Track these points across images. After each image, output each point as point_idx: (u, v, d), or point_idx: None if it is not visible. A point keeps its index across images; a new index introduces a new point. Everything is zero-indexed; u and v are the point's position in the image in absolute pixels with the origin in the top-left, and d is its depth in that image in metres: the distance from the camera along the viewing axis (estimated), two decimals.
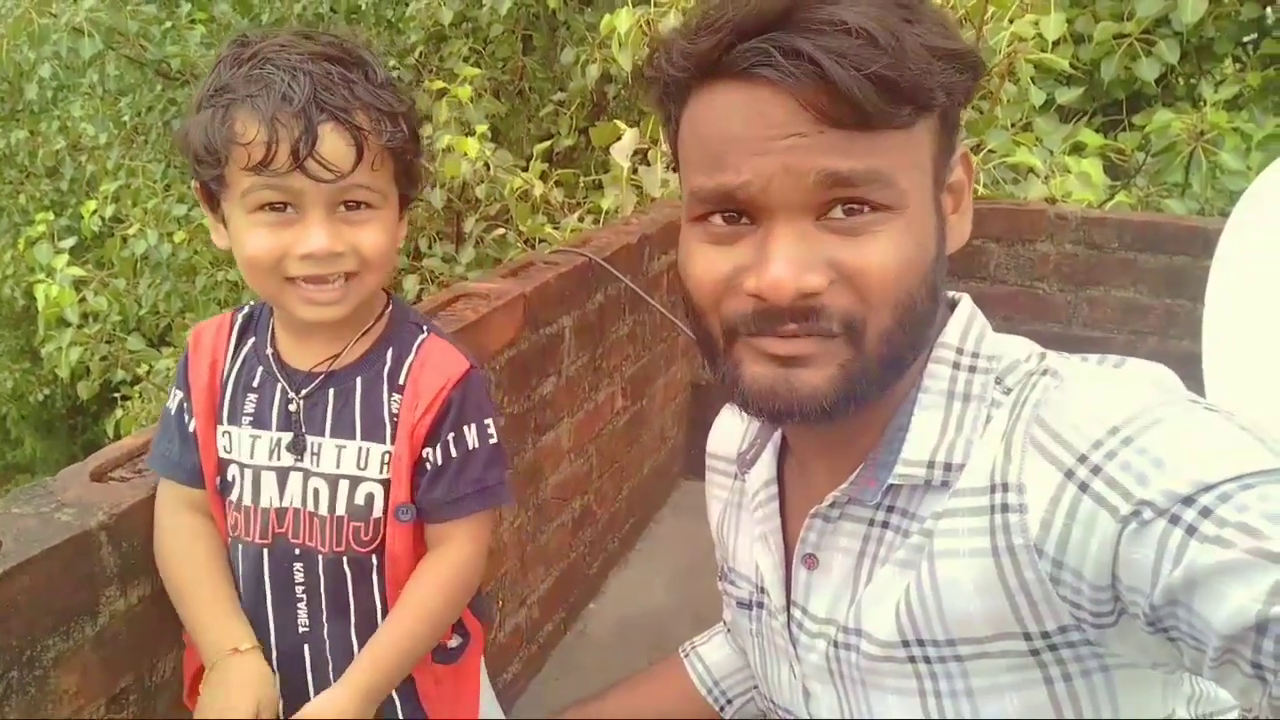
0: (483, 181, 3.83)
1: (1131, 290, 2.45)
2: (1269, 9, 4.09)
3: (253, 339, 0.99)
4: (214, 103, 0.84)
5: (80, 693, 0.92)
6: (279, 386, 0.96)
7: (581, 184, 4.09)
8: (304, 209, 0.85)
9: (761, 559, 0.82)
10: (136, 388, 5.26)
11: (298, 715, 0.88)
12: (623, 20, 2.93)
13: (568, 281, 1.85)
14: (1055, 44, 2.90)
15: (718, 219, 0.66)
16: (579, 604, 2.15)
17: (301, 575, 0.96)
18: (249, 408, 0.96)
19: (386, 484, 0.95)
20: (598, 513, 2.18)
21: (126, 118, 6.54)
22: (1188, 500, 0.53)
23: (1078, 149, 3.32)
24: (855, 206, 0.62)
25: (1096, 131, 3.53)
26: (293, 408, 0.95)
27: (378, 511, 0.95)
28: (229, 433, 0.97)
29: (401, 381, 0.95)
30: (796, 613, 0.79)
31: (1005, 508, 0.62)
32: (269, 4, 6.35)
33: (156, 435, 1.01)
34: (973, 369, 0.69)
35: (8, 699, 0.85)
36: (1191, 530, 0.53)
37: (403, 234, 0.96)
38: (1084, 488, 0.58)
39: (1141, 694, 0.66)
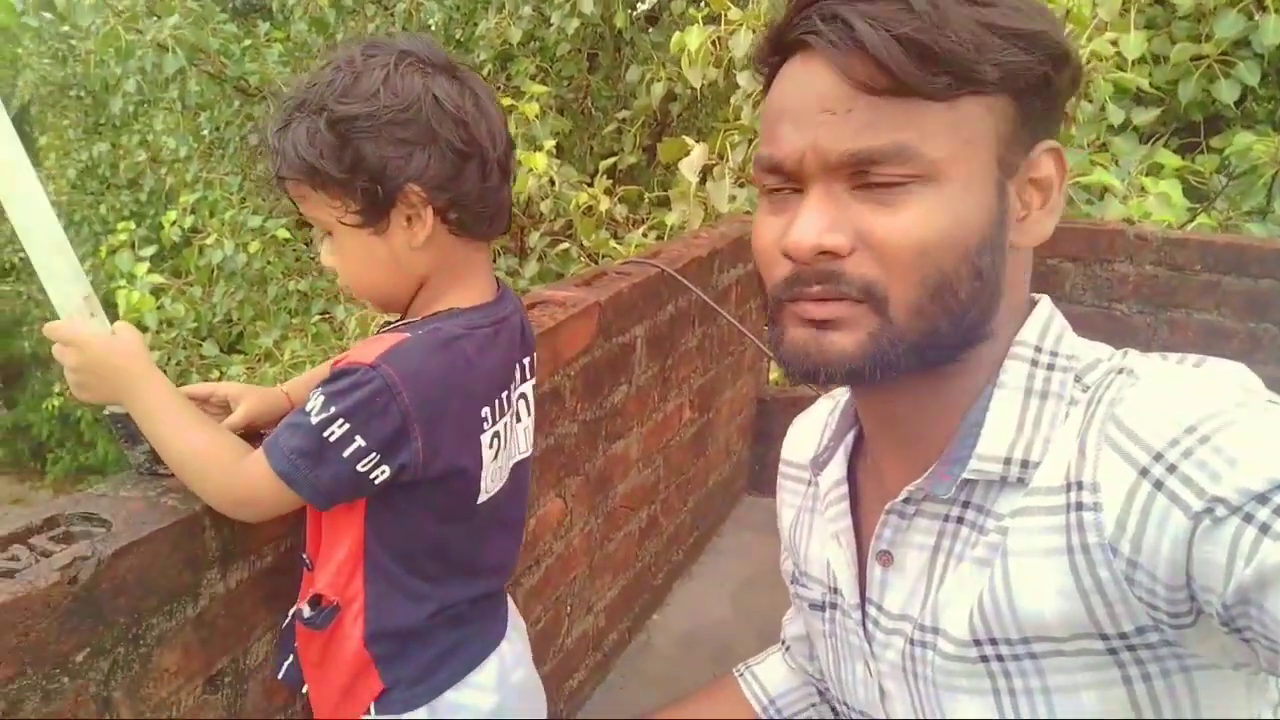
0: (547, 197, 3.89)
1: (1214, 313, 2.39)
2: None
3: None
4: None
5: (180, 672, 0.95)
6: None
7: (646, 200, 4.13)
8: None
9: (834, 557, 0.82)
10: None
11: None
12: (693, 38, 2.96)
13: (640, 292, 1.86)
14: (1133, 64, 2.86)
15: (774, 189, 0.69)
16: (644, 614, 2.15)
17: None
18: None
19: None
20: (664, 524, 2.18)
21: (206, 132, 6.77)
22: (1262, 498, 0.53)
23: (1155, 170, 3.26)
24: (883, 179, 0.63)
25: (1174, 153, 3.46)
26: None
27: None
28: None
29: None
30: (872, 610, 0.79)
31: (1080, 506, 0.62)
32: (343, 24, 6.54)
33: None
34: (1051, 366, 0.69)
35: (114, 674, 0.88)
36: (1265, 528, 0.52)
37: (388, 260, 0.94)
38: (1159, 486, 0.57)
39: (1224, 696, 0.64)
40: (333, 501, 0.92)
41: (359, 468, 0.88)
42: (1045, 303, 0.73)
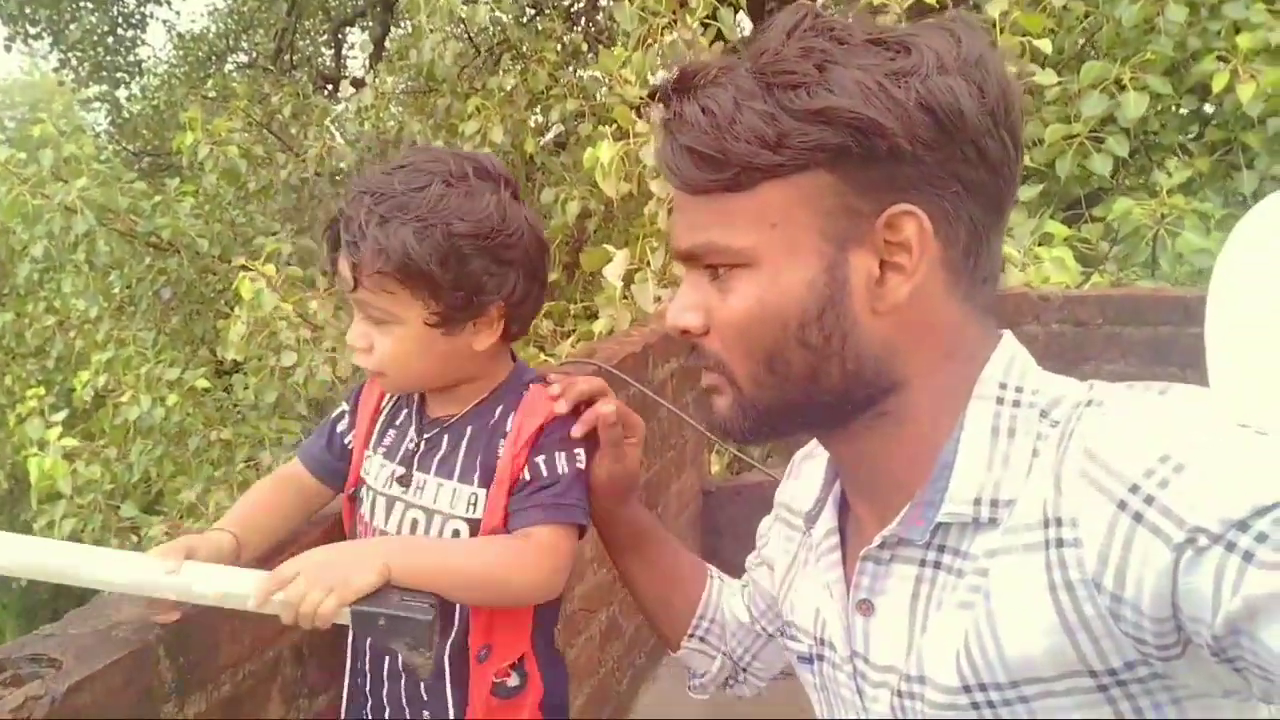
0: None
1: (1121, 363, 2.52)
2: (1205, 102, 4.36)
3: None
4: None
5: None
6: (412, 428, 1.09)
7: (571, 314, 4.20)
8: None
9: (825, 608, 0.81)
10: None
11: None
12: (605, 151, 3.09)
13: None
14: None
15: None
16: None
17: None
18: (388, 440, 1.10)
19: (472, 523, 1.04)
20: (624, 625, 2.14)
21: (117, 290, 6.65)
22: (1242, 525, 0.52)
23: (1046, 240, 3.47)
24: (717, 265, 0.69)
25: (1061, 224, 3.70)
26: (412, 446, 1.08)
27: None
28: (370, 457, 1.11)
29: (507, 429, 1.05)
30: (859, 662, 0.77)
31: (1060, 543, 0.62)
32: (255, 174, 6.60)
33: (310, 436, 1.18)
34: (1016, 404, 0.68)
35: None
36: (1248, 556, 0.52)
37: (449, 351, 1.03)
38: (1138, 518, 0.57)
39: None
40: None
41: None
42: (1008, 339, 0.73)
